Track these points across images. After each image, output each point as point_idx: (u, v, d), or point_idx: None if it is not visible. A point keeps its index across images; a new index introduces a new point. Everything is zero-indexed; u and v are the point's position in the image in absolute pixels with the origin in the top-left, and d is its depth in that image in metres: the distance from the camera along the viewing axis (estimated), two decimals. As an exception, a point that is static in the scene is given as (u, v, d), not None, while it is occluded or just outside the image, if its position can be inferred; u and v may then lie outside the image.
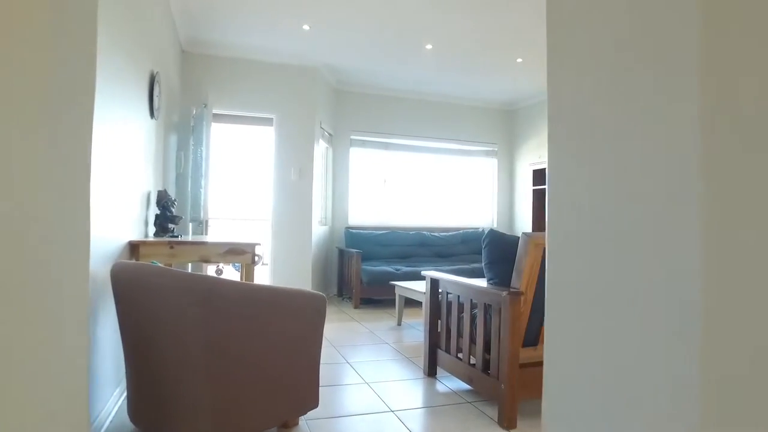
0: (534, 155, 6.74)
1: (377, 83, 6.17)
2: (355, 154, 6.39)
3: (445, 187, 6.92)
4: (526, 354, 2.33)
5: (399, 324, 4.46)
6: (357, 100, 6.37)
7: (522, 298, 2.25)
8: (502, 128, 7.23)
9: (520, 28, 4.37)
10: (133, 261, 2.23)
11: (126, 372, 1.95)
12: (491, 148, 7.17)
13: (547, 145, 1.26)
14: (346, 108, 6.32)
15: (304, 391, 2.04)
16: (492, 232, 2.49)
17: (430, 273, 3.00)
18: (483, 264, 2.51)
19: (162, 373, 1.71)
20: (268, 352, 1.85)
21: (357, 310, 5.14)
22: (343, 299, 5.85)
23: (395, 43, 4.76)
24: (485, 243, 2.50)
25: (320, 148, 5.71)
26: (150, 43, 3.05)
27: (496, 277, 2.43)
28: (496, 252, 2.45)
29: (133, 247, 2.61)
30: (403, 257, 6.13)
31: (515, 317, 2.21)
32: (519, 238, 2.47)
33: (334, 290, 6.19)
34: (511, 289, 2.26)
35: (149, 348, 1.71)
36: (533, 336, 2.41)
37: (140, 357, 1.78)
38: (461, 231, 6.68)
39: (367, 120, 6.41)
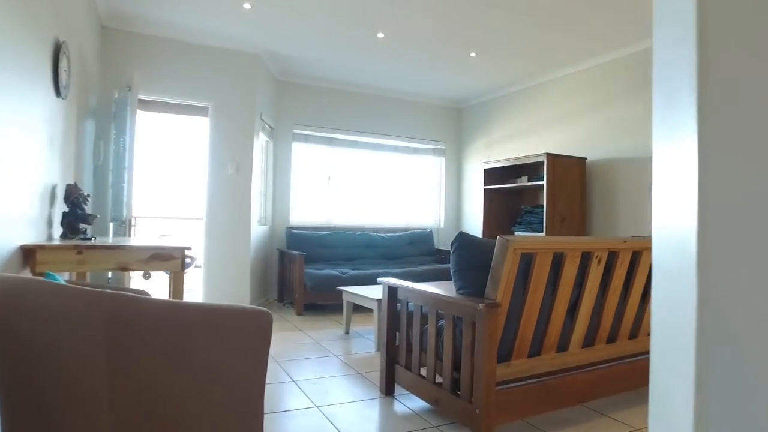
0: (483, 155, 6.61)
1: (323, 75, 5.79)
2: (298, 149, 5.98)
3: (392, 185, 6.65)
4: (500, 371, 2.07)
5: (347, 332, 4.13)
6: (301, 92, 5.96)
7: (499, 310, 1.99)
8: (450, 126, 7.06)
9: (477, 20, 4.15)
10: (22, 274, 1.76)
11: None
12: (439, 146, 6.98)
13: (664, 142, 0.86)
14: (288, 100, 5.90)
15: (244, 427, 1.67)
16: (462, 235, 2.22)
17: (388, 280, 2.69)
18: (452, 270, 2.24)
19: (53, 424, 1.28)
20: (198, 386, 1.47)
21: (300, 318, 4.75)
22: (284, 305, 5.43)
23: (345, 30, 4.42)
24: (454, 247, 2.22)
25: (260, 141, 5.27)
26: (54, 5, 2.54)
27: (468, 286, 2.16)
28: (466, 258, 2.18)
29: (27, 254, 2.11)
30: (349, 259, 5.80)
31: (492, 332, 1.94)
32: (493, 242, 2.22)
33: (275, 295, 5.76)
34: (487, 301, 1.99)
35: (35, 393, 1.28)
36: (506, 351, 2.16)
37: (21, 404, 1.35)
38: (409, 231, 6.44)
39: (311, 113, 6.02)
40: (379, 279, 2.78)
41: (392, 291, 2.66)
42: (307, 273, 4.93)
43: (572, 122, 5.33)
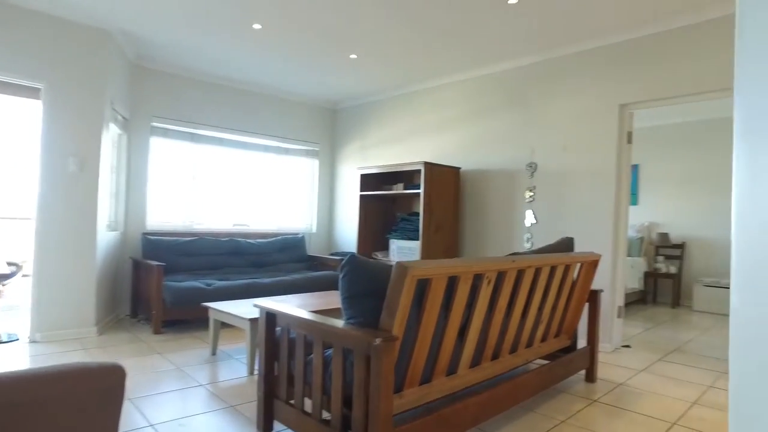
0: (358, 158, 6.51)
1: (188, 63, 5.21)
2: (157, 144, 5.32)
3: (262, 188, 6.25)
4: (393, 403, 1.93)
5: (214, 353, 3.72)
6: (162, 81, 5.30)
7: (396, 343, 1.83)
8: (324, 127, 6.86)
9: (359, 23, 4.00)
10: None
11: None
12: (313, 148, 6.73)
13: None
14: (147, 88, 5.21)
15: None
16: (353, 258, 2.03)
17: (265, 305, 2.40)
18: (341, 297, 2.03)
19: None
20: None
21: (158, 337, 4.19)
22: (138, 321, 4.77)
23: (217, 16, 3.97)
24: (344, 272, 2.02)
25: (111, 134, 4.56)
26: None
27: (360, 315, 1.98)
28: (358, 284, 1.99)
29: None
30: (215, 268, 5.31)
31: (389, 368, 1.78)
32: (386, 265, 2.06)
33: (127, 310, 5.05)
34: (384, 334, 1.82)
35: None
36: (398, 380, 2.02)
37: None
38: (280, 237, 6.10)
39: (174, 105, 5.40)
40: (255, 303, 2.47)
41: (271, 317, 2.38)
42: (166, 285, 4.37)
43: (447, 131, 5.45)
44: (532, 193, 4.66)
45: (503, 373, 2.68)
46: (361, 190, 5.57)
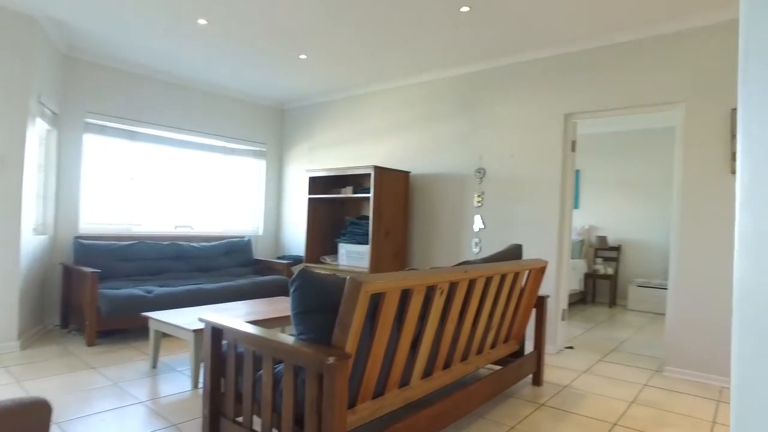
0: (306, 159, 6.40)
1: (127, 56, 4.93)
2: (91, 142, 5.00)
3: (206, 189, 6.02)
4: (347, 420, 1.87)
5: (154, 366, 3.52)
6: (97, 74, 4.98)
7: (350, 361, 1.78)
8: (272, 128, 6.69)
9: (310, 21, 3.91)
10: None
11: None
12: (260, 148, 6.56)
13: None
14: (80, 82, 4.88)
15: None
16: (304, 273, 1.96)
17: (211, 319, 2.29)
18: (292, 313, 1.96)
19: None
20: None
21: (93, 350, 3.93)
22: (69, 332, 4.47)
23: (159, 8, 3.77)
24: (295, 286, 1.95)
25: (37, 129, 4.24)
26: None
27: (311, 331, 1.91)
28: (309, 299, 1.93)
29: None
30: (155, 274, 5.05)
31: (343, 386, 1.73)
32: (338, 279, 2.01)
33: (56, 320, 4.72)
34: (337, 352, 1.76)
35: None
36: (352, 396, 1.97)
37: None
38: (225, 240, 5.90)
39: (110, 100, 5.09)
40: (200, 316, 2.35)
41: (217, 332, 2.27)
42: (102, 294, 4.11)
43: (396, 135, 5.44)
44: (480, 199, 4.73)
45: (455, 382, 2.68)
46: (309, 193, 5.47)
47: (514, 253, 3.22)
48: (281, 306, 3.94)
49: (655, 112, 3.90)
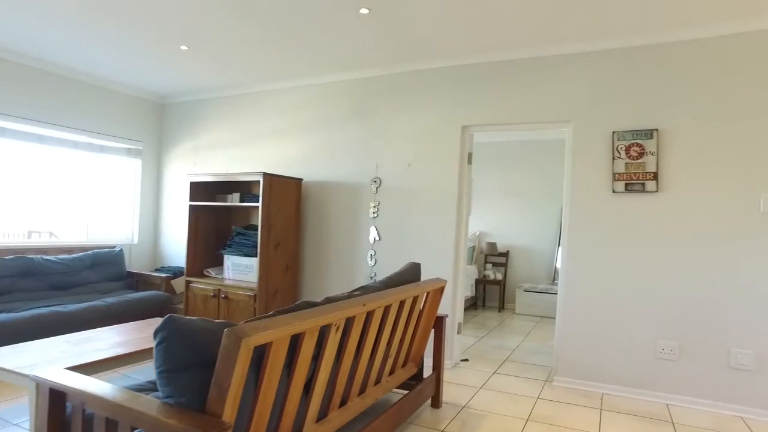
0: (189, 161, 5.82)
1: (-46, 33, 4.06)
2: None
3: (69, 191, 5.22)
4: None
5: (-14, 418, 2.88)
6: None
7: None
8: (149, 124, 6.00)
9: (192, 10, 3.46)
10: None
11: None
12: (135, 146, 5.84)
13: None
14: None
15: None
16: (171, 322, 1.61)
17: (47, 377, 1.83)
18: (156, 371, 1.60)
19: None
20: None
21: None
22: None
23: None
24: (159, 338, 1.59)
25: None
26: None
27: (181, 394, 1.56)
28: (177, 353, 1.58)
29: None
30: (-3, 295, 4.24)
31: (217, 467, 1.41)
32: (213, 326, 1.68)
33: None
34: (213, 423, 1.44)
35: None
36: (231, 465, 1.66)
37: None
38: (91, 252, 5.15)
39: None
40: (33, 375, 1.87)
41: (57, 396, 1.82)
42: None
43: (289, 138, 5.10)
44: (376, 209, 4.56)
45: (355, 419, 2.46)
46: (191, 200, 4.93)
47: (412, 273, 3.07)
48: (154, 333, 3.44)
49: (548, 128, 3.98)
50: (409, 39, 3.83)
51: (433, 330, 3.37)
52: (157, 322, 3.77)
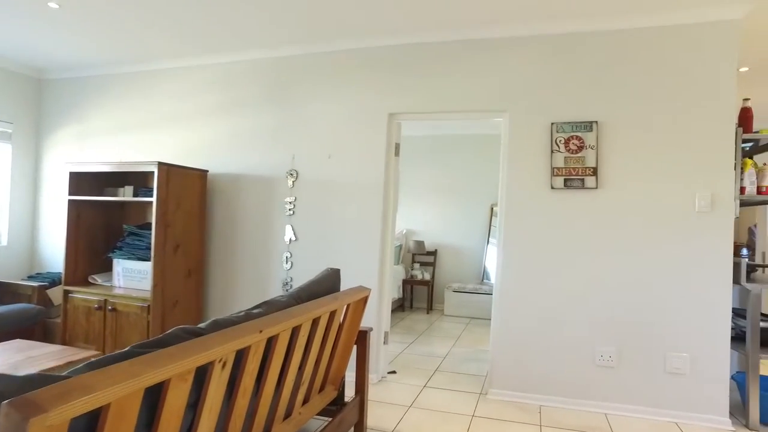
0: (75, 147, 4.96)
1: None
2: None
3: None
4: None
5: None
6: None
7: None
8: (23, 102, 5.06)
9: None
10: None
11: None
12: (4, 129, 4.90)
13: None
14: None
15: None
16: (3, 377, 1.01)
17: None
18: None
19: None
20: None
21: None
22: None
23: None
24: None
25: None
26: None
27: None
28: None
29: None
30: None
31: None
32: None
33: None
34: None
35: None
36: None
37: None
38: (-60, 256, 4.21)
39: None
40: None
41: None
42: None
43: (192, 125, 4.43)
44: (292, 205, 4.03)
45: (250, 473, 1.93)
46: (71, 194, 4.14)
47: (330, 281, 2.59)
48: (29, 354, 2.71)
49: (482, 119, 3.64)
50: (330, 14, 3.33)
51: (355, 346, 2.91)
52: (24, 344, 3.02)
